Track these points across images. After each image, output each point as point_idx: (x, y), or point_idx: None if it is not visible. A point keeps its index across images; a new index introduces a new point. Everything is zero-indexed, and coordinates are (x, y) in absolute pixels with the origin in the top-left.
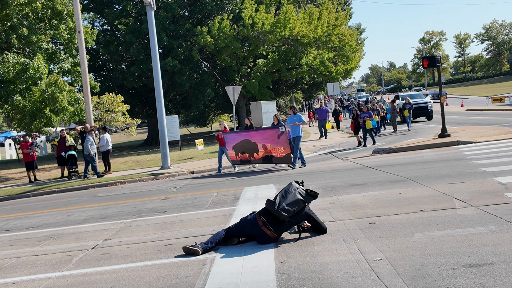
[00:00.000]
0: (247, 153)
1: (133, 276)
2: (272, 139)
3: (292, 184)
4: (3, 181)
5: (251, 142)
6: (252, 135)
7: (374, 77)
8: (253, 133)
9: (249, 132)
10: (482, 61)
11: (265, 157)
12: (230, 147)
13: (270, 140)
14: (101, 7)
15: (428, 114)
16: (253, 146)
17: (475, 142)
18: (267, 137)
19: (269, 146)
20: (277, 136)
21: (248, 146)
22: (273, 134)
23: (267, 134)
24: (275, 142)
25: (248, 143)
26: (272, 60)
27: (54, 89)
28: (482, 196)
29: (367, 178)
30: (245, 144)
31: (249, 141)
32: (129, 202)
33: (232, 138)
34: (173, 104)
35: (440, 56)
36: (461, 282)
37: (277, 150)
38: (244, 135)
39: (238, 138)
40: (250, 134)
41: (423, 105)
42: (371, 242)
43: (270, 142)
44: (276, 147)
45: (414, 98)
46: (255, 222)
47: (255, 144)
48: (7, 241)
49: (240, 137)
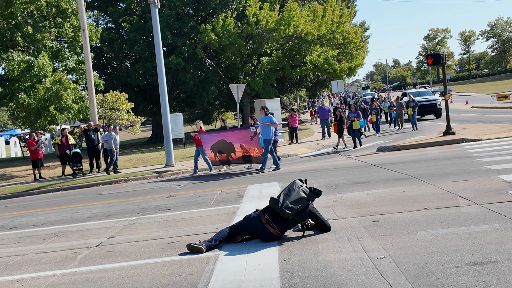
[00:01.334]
0: (225, 153)
1: (137, 274)
2: (245, 139)
3: (295, 182)
4: (8, 178)
5: (227, 142)
6: (226, 135)
7: (378, 74)
8: (228, 134)
9: (224, 132)
10: (487, 58)
11: (244, 156)
12: (208, 147)
13: (244, 140)
14: (105, 5)
15: (436, 111)
16: (230, 146)
17: (479, 140)
18: (241, 138)
19: (245, 146)
20: (250, 137)
21: (225, 146)
22: (246, 134)
23: (241, 135)
24: (249, 143)
25: (225, 143)
26: (276, 57)
27: (58, 87)
28: (487, 194)
29: (371, 176)
30: (222, 144)
31: (225, 141)
32: (133, 200)
33: (209, 139)
34: (177, 102)
35: (445, 53)
36: (465, 280)
37: (252, 150)
38: (220, 135)
39: (214, 138)
40: (225, 135)
41: (431, 102)
42: (374, 240)
43: (245, 142)
44: (251, 147)
45: (422, 96)
46: (258, 220)
47: (231, 144)
48: (12, 239)
49: (216, 138)
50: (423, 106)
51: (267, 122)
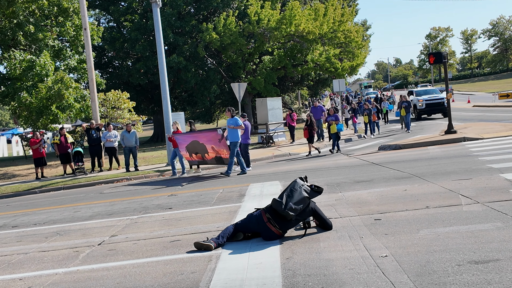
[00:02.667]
0: (200, 153)
1: (140, 272)
2: (215, 141)
3: (297, 182)
4: (10, 177)
5: (200, 143)
6: (198, 136)
7: (380, 73)
8: (199, 135)
9: (195, 134)
10: (489, 57)
11: (216, 157)
12: (183, 148)
13: (214, 142)
14: (106, 4)
15: (444, 110)
16: (202, 147)
17: (481, 138)
18: (211, 139)
19: (215, 148)
20: (218, 140)
21: (198, 147)
22: (214, 136)
23: (210, 136)
24: (218, 145)
25: (198, 143)
26: (278, 56)
27: (60, 86)
28: (488, 192)
29: (372, 175)
30: (196, 145)
31: (198, 142)
32: (135, 199)
33: (183, 140)
34: (179, 100)
35: (447, 52)
36: (467, 278)
37: (222, 152)
38: (192, 136)
39: (188, 139)
40: (196, 136)
41: (439, 101)
42: (376, 239)
43: (214, 144)
44: (220, 149)
45: (429, 94)
46: (260, 219)
47: (203, 145)
48: (15, 237)
49: (189, 139)
50: (430, 105)
51: (232, 124)
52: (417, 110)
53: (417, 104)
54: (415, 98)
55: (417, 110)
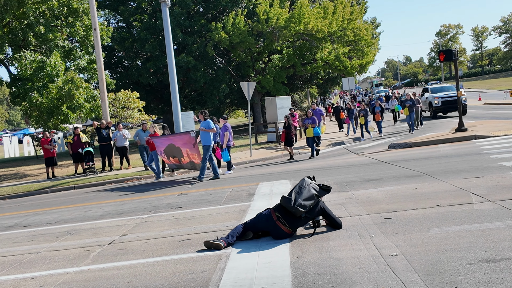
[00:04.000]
0: (176, 157)
1: (150, 271)
2: (189, 145)
3: (305, 180)
4: (22, 177)
5: (176, 147)
6: (173, 139)
7: (389, 71)
8: (174, 138)
9: (171, 136)
10: (500, 54)
11: (190, 162)
12: (161, 151)
13: (188, 146)
14: (116, 4)
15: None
16: (178, 151)
17: (492, 136)
18: (185, 142)
19: (188, 152)
20: (192, 144)
21: (175, 150)
22: (188, 140)
23: (185, 139)
24: (191, 149)
25: (174, 147)
26: (287, 55)
27: (70, 86)
28: (500, 190)
29: (382, 173)
30: (172, 148)
31: (173, 145)
32: (145, 198)
33: (161, 143)
34: (188, 100)
35: (457, 49)
36: (478, 277)
37: (194, 156)
38: (169, 139)
39: (165, 142)
40: (172, 139)
41: (455, 98)
42: (386, 238)
43: (189, 148)
44: (192, 154)
45: (445, 91)
46: (269, 217)
47: (179, 148)
48: (26, 237)
49: (166, 142)
50: (446, 102)
51: (204, 127)
52: (432, 108)
53: (432, 102)
54: (430, 95)
55: (432, 108)
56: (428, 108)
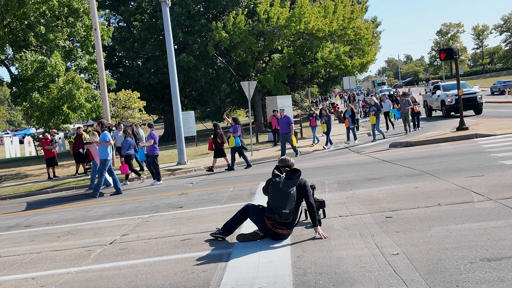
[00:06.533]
0: None
1: (151, 271)
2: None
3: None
4: (23, 177)
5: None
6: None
7: (390, 70)
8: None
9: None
10: (501, 52)
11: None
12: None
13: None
14: (116, 4)
15: (477, 106)
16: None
17: (493, 135)
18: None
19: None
20: None
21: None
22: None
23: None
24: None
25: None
26: (288, 54)
27: (71, 86)
28: (501, 189)
29: (383, 172)
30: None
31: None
32: (146, 198)
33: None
34: (189, 100)
35: (458, 48)
36: (479, 276)
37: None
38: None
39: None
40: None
41: (470, 96)
42: (387, 236)
43: None
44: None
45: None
46: (265, 227)
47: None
48: (27, 237)
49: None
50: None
51: (100, 140)
52: (445, 106)
53: (445, 100)
54: (442, 93)
55: (445, 106)
56: (440, 107)
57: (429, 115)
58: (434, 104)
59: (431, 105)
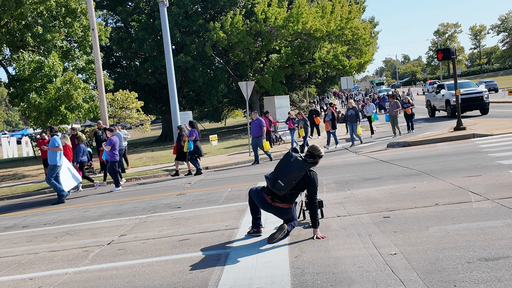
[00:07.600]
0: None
1: (149, 271)
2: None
3: (288, 155)
4: (20, 178)
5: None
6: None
7: (388, 70)
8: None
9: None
10: (498, 52)
11: None
12: None
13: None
14: (114, 4)
15: (483, 106)
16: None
17: (491, 134)
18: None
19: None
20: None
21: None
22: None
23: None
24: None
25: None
26: (285, 54)
27: (69, 86)
28: (498, 189)
29: (381, 172)
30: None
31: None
32: (144, 198)
33: None
34: (187, 100)
35: (455, 48)
36: (477, 275)
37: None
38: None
39: None
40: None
41: (476, 95)
42: (385, 236)
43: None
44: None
45: (464, 88)
46: (266, 202)
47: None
48: (25, 238)
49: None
50: (466, 100)
51: (50, 145)
52: (450, 106)
53: (450, 100)
54: (447, 92)
55: (450, 106)
56: (445, 107)
57: (432, 115)
58: (438, 104)
59: (434, 105)
